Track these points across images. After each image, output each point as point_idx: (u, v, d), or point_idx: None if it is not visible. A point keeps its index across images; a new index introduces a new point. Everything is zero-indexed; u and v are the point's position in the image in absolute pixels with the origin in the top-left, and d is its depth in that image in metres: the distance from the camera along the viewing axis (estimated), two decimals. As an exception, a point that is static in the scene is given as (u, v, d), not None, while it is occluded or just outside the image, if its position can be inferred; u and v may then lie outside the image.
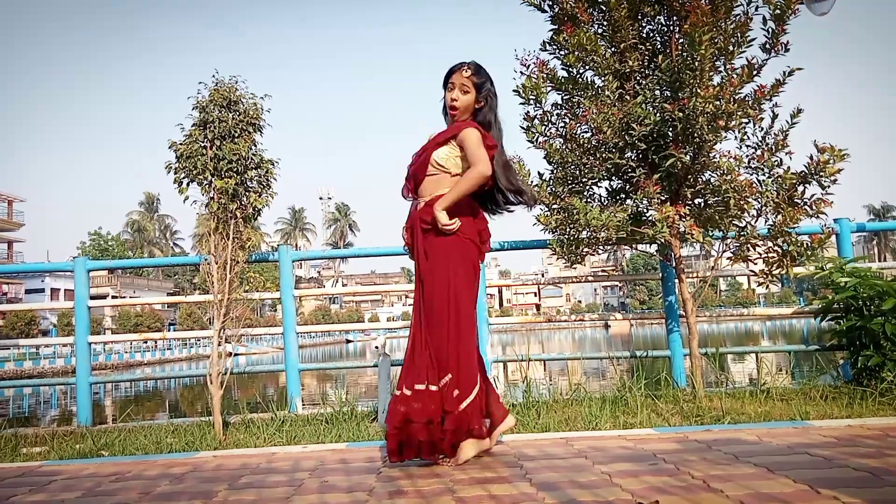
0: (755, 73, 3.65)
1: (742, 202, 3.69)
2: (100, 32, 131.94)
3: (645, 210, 3.98)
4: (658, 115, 3.74)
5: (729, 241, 3.99)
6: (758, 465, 2.20)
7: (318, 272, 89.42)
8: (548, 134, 4.02)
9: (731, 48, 3.65)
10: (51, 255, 56.22)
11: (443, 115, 2.78)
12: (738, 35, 3.64)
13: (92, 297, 4.93)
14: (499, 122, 2.74)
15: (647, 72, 3.98)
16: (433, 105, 2.87)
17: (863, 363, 3.90)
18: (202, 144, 3.87)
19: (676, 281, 4.20)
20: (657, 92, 3.84)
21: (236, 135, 3.91)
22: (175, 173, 3.91)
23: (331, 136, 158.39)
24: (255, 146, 4.02)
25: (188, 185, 3.92)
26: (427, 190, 2.66)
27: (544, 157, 4.03)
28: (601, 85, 3.88)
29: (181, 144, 3.88)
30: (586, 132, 3.92)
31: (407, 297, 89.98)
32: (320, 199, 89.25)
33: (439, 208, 2.54)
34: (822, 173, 3.61)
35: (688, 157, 3.71)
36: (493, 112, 2.72)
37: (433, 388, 2.47)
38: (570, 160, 3.95)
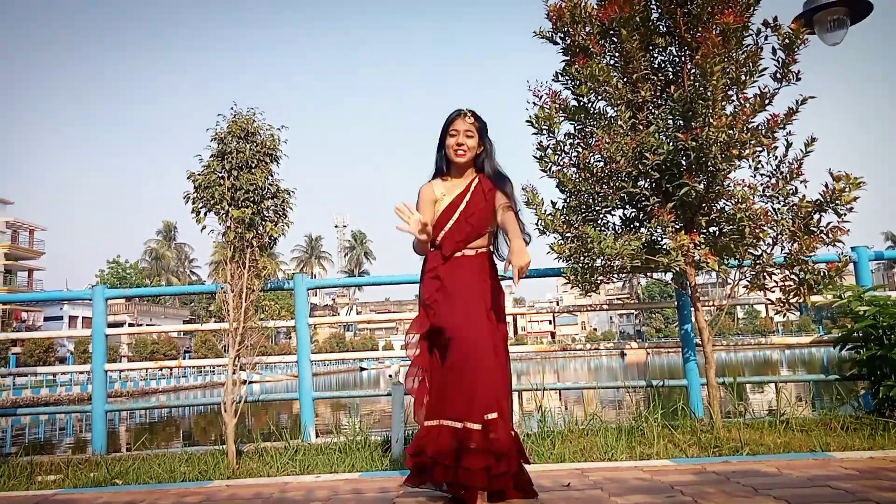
0: (767, 101, 3.66)
1: (757, 230, 3.67)
2: (121, 63, 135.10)
3: (659, 238, 3.97)
4: (671, 144, 3.75)
5: (745, 269, 3.96)
6: (778, 498, 2.16)
7: (333, 300, 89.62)
8: (561, 163, 4.02)
9: (742, 78, 3.67)
10: (70, 284, 56.92)
11: (440, 163, 2.77)
12: (750, 65, 3.66)
13: (109, 325, 4.98)
14: (498, 164, 2.79)
15: (659, 101, 4.00)
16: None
17: (884, 393, 3.83)
18: (220, 175, 3.94)
19: (692, 309, 4.17)
20: (670, 121, 3.86)
21: (253, 165, 3.98)
22: (193, 203, 3.98)
23: (349, 164, 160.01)
24: (272, 176, 4.09)
25: (206, 214, 3.98)
26: (472, 242, 2.68)
27: (556, 186, 4.04)
28: (614, 115, 3.91)
29: (199, 175, 3.96)
30: (599, 161, 3.93)
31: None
32: (336, 227, 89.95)
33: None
34: (837, 201, 3.59)
35: (701, 186, 3.71)
36: (492, 157, 2.76)
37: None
38: (583, 189, 3.96)
